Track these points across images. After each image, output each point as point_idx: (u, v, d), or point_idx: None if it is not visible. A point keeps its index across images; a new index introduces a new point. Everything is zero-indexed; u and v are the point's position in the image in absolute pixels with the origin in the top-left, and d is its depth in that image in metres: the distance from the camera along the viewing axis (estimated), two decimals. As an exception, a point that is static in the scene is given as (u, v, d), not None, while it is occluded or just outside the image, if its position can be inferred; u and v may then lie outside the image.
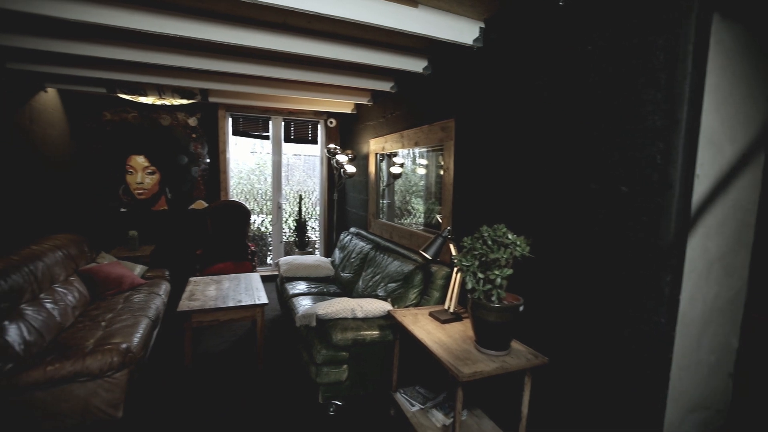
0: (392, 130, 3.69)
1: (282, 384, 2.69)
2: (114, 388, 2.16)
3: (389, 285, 2.80)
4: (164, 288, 3.53)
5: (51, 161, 3.76)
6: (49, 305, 2.61)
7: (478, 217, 2.34)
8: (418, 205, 3.73)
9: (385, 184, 4.08)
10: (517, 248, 1.63)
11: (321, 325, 2.38)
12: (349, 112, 4.81)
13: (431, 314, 2.11)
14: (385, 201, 4.12)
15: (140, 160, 4.62)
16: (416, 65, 2.89)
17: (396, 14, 2.03)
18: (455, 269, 2.10)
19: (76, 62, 3.10)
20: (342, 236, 4.24)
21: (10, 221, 3.09)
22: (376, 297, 2.81)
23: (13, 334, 2.15)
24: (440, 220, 3.02)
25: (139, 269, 3.71)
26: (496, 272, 1.60)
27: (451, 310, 2.11)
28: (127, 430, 2.19)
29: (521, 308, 1.64)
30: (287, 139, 5.36)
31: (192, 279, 3.43)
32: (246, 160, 5.49)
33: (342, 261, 3.81)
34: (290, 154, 5.61)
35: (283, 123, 5.27)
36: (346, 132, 5.31)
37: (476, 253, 1.64)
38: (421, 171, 3.56)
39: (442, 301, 2.44)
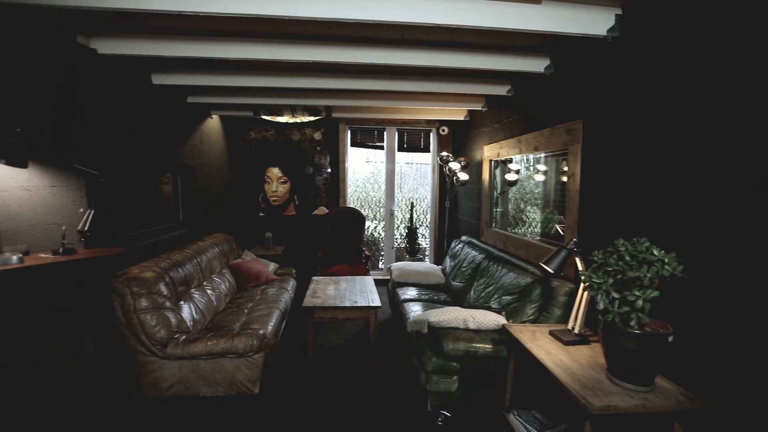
0: (508, 135, 3.52)
1: (391, 384, 2.77)
2: (253, 367, 2.50)
3: (503, 297, 2.66)
4: (291, 284, 3.98)
5: (213, 174, 4.60)
6: (209, 291, 3.17)
7: (610, 228, 2.06)
8: (534, 214, 3.47)
9: (498, 191, 3.91)
10: (666, 267, 1.38)
11: (432, 332, 2.38)
12: (462, 119, 4.76)
13: (552, 333, 1.92)
14: (498, 209, 3.94)
15: (275, 171, 5.33)
16: (536, 65, 2.72)
17: (518, 14, 1.94)
18: (582, 286, 1.88)
19: (232, 92, 3.75)
20: (453, 244, 4.19)
21: (192, 220, 3.88)
22: (489, 309, 2.69)
23: (186, 312, 2.67)
24: (560, 231, 2.76)
25: (272, 266, 4.26)
26: (637, 293, 1.38)
27: (576, 330, 1.89)
28: (262, 405, 2.52)
29: (670, 338, 1.38)
30: (400, 148, 5.56)
31: (314, 278, 3.79)
32: (362, 169, 5.87)
33: (453, 269, 3.77)
34: (403, 163, 5.79)
35: (396, 133, 5.49)
36: (458, 139, 5.27)
37: (610, 269, 1.45)
38: (539, 177, 3.31)
39: (564, 320, 2.21)
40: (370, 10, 1.88)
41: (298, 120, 4.49)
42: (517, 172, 3.51)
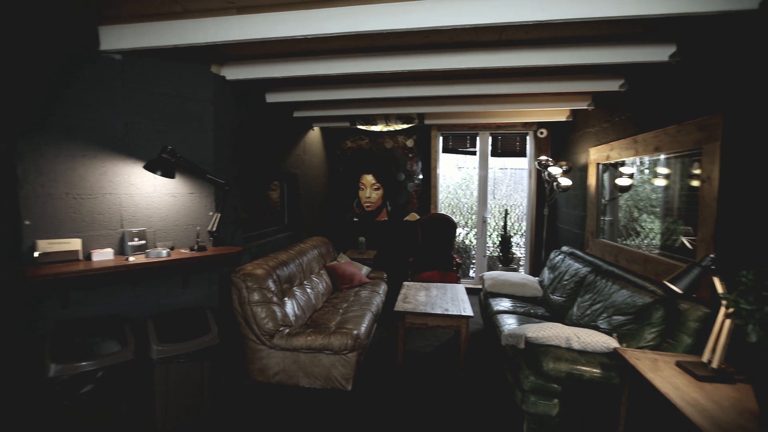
0: (620, 135, 3.14)
1: (482, 398, 2.66)
2: (347, 364, 2.63)
3: (615, 318, 2.36)
4: (383, 288, 4.09)
5: (314, 181, 4.99)
6: (308, 290, 3.43)
7: (762, 244, 1.69)
8: (652, 224, 3.01)
9: (607, 198, 3.51)
10: None
11: (530, 348, 2.23)
12: (564, 119, 4.39)
13: (680, 365, 1.65)
14: (606, 218, 3.53)
15: (369, 178, 5.56)
16: (658, 54, 2.38)
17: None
18: (723, 312, 1.58)
19: (332, 105, 4.03)
20: (552, 255, 3.88)
21: (295, 223, 4.27)
22: (596, 329, 2.42)
23: (289, 308, 2.93)
24: (688, 244, 2.35)
25: (365, 270, 4.43)
26: (806, 325, 1.11)
27: (714, 365, 1.59)
28: (354, 402, 2.63)
29: None
30: (494, 153, 5.36)
31: (405, 283, 3.84)
32: (453, 175, 5.79)
33: (552, 282, 3.48)
34: (496, 168, 5.58)
35: (490, 137, 5.30)
36: (558, 142, 4.88)
37: (767, 294, 1.19)
38: (659, 182, 2.87)
39: (696, 350, 1.88)
40: (467, 15, 1.85)
41: (391, 128, 4.63)
42: (631, 176, 3.10)
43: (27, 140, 2.07)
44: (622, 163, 3.19)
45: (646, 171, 3.00)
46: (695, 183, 2.26)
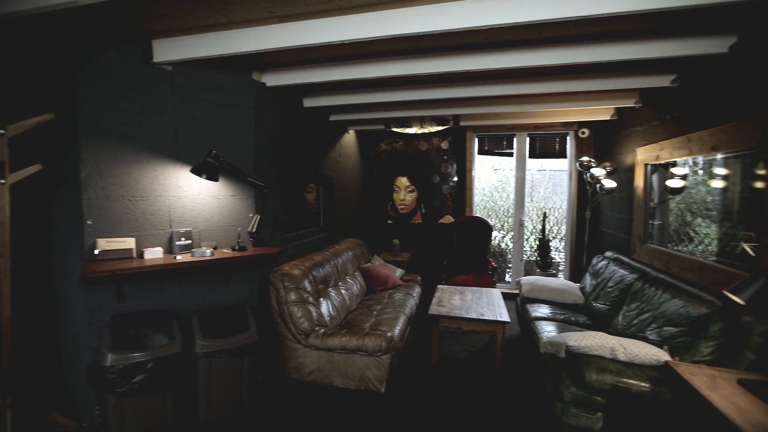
0: (672, 134, 2.95)
1: (518, 407, 2.57)
2: (381, 366, 2.63)
3: (665, 329, 2.21)
4: (417, 291, 4.07)
5: (348, 184, 5.06)
6: (343, 291, 3.48)
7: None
8: (707, 229, 2.80)
9: (657, 201, 3.30)
10: None
11: (570, 357, 2.13)
12: (608, 118, 4.19)
13: (742, 383, 1.52)
14: (655, 222, 3.32)
15: (403, 181, 5.56)
16: (716, 45, 2.21)
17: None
18: (792, 326, 1.44)
19: (367, 108, 4.07)
20: (595, 261, 3.70)
21: (331, 225, 4.35)
22: (645, 340, 2.28)
23: (325, 308, 2.98)
24: (750, 251, 2.16)
25: (399, 272, 4.43)
26: None
27: (782, 384, 1.45)
28: (387, 404, 2.63)
29: None
30: (531, 155, 5.20)
31: (439, 286, 3.80)
32: (489, 178, 5.67)
33: (594, 289, 3.32)
34: (534, 170, 5.40)
35: (527, 138, 5.15)
36: (601, 142, 4.66)
37: None
38: (716, 184, 2.66)
39: (760, 367, 1.72)
40: (506, 13, 1.81)
41: (426, 130, 4.60)
42: (683, 177, 2.90)
43: (89, 147, 2.25)
44: (674, 164, 2.99)
45: (701, 172, 2.79)
46: (759, 184, 2.08)
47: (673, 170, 2.98)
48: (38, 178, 2.02)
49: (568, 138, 5.03)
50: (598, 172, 3.88)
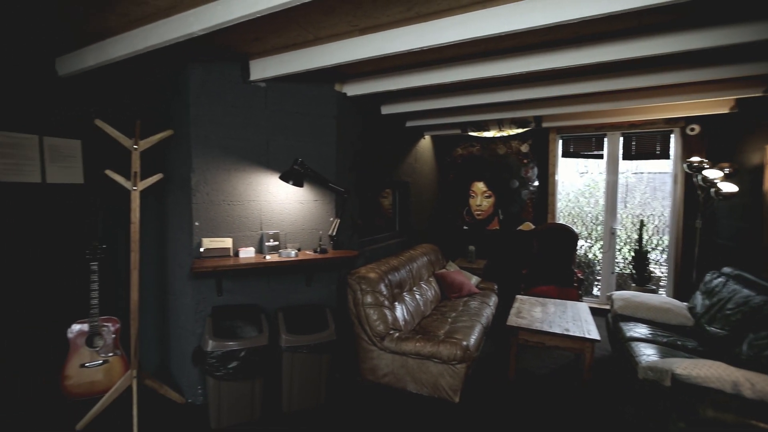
0: (816, 127, 2.45)
1: (613, 439, 2.32)
2: (455, 375, 2.58)
3: (807, 362, 1.83)
4: (493, 300, 3.91)
5: (424, 189, 5.07)
6: (417, 296, 3.48)
7: None
8: None
9: (794, 208, 2.75)
10: None
11: (678, 388, 1.87)
12: (726, 111, 3.61)
13: None
14: (793, 233, 2.77)
15: (480, 186, 5.40)
16: None
17: None
18: None
19: (443, 113, 4.04)
20: (708, 277, 3.20)
21: (406, 230, 4.40)
22: (777, 374, 1.90)
23: (399, 312, 3.01)
24: None
25: (474, 279, 4.30)
26: None
27: None
28: (461, 415, 2.55)
29: None
30: (626, 156, 4.70)
31: (518, 297, 3.61)
32: (574, 182, 5.24)
33: (708, 310, 2.87)
34: (628, 173, 4.86)
35: (621, 138, 4.67)
36: (715, 139, 4.03)
37: None
38: None
39: None
40: (598, 3, 1.67)
41: (504, 133, 4.43)
42: (836, 179, 2.38)
43: (198, 157, 2.57)
44: (819, 164, 2.47)
45: None
46: None
47: (818, 171, 2.47)
48: (158, 185, 2.37)
49: (671, 136, 4.45)
50: (714, 174, 3.36)
